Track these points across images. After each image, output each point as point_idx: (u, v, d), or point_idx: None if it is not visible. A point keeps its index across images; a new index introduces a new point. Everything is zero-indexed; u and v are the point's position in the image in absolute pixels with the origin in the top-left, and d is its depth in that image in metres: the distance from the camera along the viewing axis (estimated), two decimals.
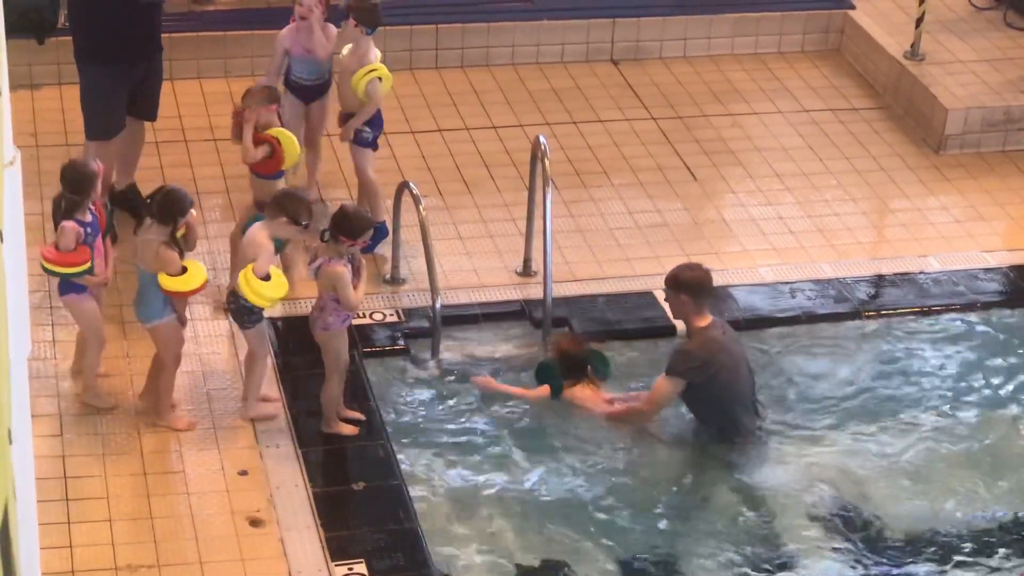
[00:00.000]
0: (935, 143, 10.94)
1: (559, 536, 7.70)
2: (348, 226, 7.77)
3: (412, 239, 9.23)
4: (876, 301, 9.38)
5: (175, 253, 7.72)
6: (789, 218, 10.08)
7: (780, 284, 9.44)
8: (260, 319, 7.94)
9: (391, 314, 8.94)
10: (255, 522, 7.46)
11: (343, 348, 7.99)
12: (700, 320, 8.17)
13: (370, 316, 8.88)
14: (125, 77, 9.22)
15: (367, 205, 9.23)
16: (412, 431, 8.25)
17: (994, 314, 9.36)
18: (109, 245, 8.11)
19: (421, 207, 8.67)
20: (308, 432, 8.02)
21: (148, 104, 9.52)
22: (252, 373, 8.02)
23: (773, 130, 11.10)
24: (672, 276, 8.23)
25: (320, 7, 9.34)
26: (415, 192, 8.75)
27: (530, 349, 8.85)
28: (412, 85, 11.29)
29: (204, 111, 10.76)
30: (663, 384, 8.16)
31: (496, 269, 9.42)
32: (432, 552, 7.38)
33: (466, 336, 8.85)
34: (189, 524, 7.42)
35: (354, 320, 8.31)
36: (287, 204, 7.78)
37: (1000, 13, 12.20)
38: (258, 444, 7.93)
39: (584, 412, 8.40)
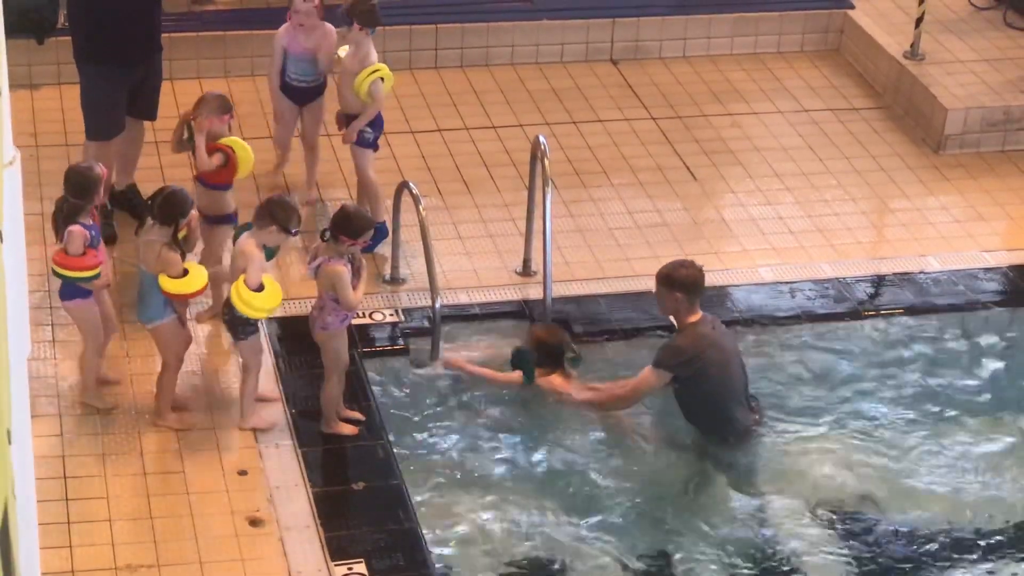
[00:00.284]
0: (935, 143, 10.93)
1: (559, 536, 7.70)
2: (349, 226, 7.76)
3: (412, 239, 9.23)
4: (876, 301, 9.38)
5: (177, 255, 7.71)
6: (789, 218, 10.08)
7: (780, 284, 9.44)
8: (255, 331, 7.88)
9: (391, 314, 8.95)
10: (255, 522, 7.46)
11: (342, 348, 7.99)
12: (691, 316, 8.18)
13: (370, 316, 8.88)
14: (124, 78, 9.22)
15: (367, 205, 9.22)
16: (412, 431, 8.25)
17: (994, 314, 9.37)
18: (103, 246, 8.09)
19: (421, 207, 8.66)
20: (308, 432, 8.01)
21: (148, 104, 9.52)
22: (245, 385, 7.96)
23: (773, 130, 11.10)
24: (666, 274, 8.22)
25: (318, 10, 9.33)
26: (415, 192, 8.74)
27: None
28: (412, 85, 11.28)
29: None
30: (648, 375, 8.16)
31: (496, 269, 9.42)
32: (432, 552, 7.38)
33: (466, 336, 8.84)
34: (189, 524, 7.42)
35: (354, 320, 8.32)
36: (277, 212, 7.69)
37: (1000, 13, 12.20)
38: (258, 444, 7.92)
39: (557, 398, 8.40)
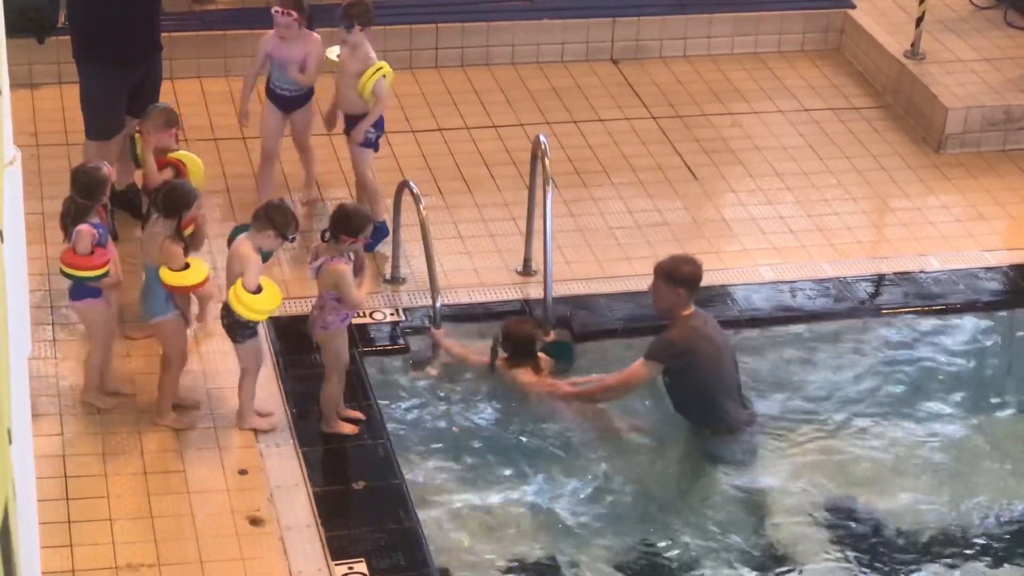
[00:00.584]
0: (935, 142, 10.93)
1: (559, 534, 7.70)
2: (348, 224, 7.76)
3: (412, 238, 9.23)
4: (876, 300, 9.38)
5: (179, 248, 7.70)
6: (789, 217, 10.08)
7: (780, 283, 9.43)
8: (254, 334, 7.87)
9: (391, 313, 8.95)
10: (255, 521, 7.46)
11: (343, 347, 7.98)
12: (685, 310, 8.18)
13: (370, 315, 8.88)
14: (124, 77, 9.22)
15: (367, 204, 9.21)
16: (412, 430, 8.26)
17: (994, 313, 9.36)
18: (113, 246, 8.10)
19: (421, 206, 8.67)
20: (308, 431, 8.01)
21: (148, 104, 9.48)
22: (243, 388, 7.94)
23: (773, 129, 11.10)
24: (670, 269, 8.18)
25: (298, 22, 9.20)
26: (415, 191, 8.74)
27: None
28: (412, 84, 11.28)
29: (204, 110, 10.76)
30: (639, 367, 8.16)
31: (496, 268, 9.42)
32: (432, 551, 7.38)
33: (467, 336, 8.84)
34: (189, 523, 7.41)
35: (354, 319, 8.32)
36: (276, 217, 7.66)
37: (1000, 12, 12.20)
38: (258, 443, 7.92)
39: (524, 393, 8.39)
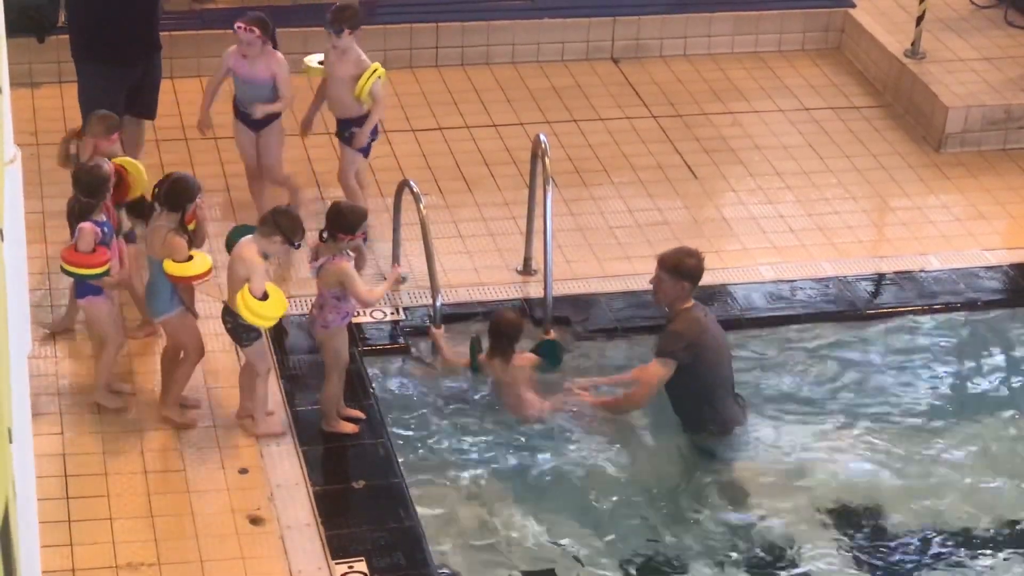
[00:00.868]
0: (935, 141, 10.93)
1: (559, 533, 7.70)
2: (343, 221, 7.77)
3: (412, 237, 9.22)
4: (876, 299, 9.38)
5: (183, 240, 7.69)
6: (789, 216, 10.08)
7: (780, 282, 9.43)
8: (259, 336, 7.85)
9: (391, 312, 8.95)
10: (255, 520, 7.45)
11: (343, 346, 7.98)
12: (686, 303, 8.17)
13: (370, 314, 8.88)
14: (122, 76, 9.21)
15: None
16: (413, 429, 8.25)
17: (994, 312, 9.36)
18: (123, 244, 8.08)
19: (421, 205, 8.66)
20: (308, 430, 8.01)
21: (147, 103, 9.53)
22: (255, 392, 7.92)
23: (773, 128, 11.10)
24: (674, 263, 8.14)
25: (260, 39, 9.04)
26: (415, 190, 8.74)
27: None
28: (412, 83, 11.28)
29: None
30: (656, 367, 8.12)
31: (496, 267, 9.42)
32: (432, 550, 7.38)
33: (466, 335, 8.84)
34: (190, 522, 7.41)
35: (354, 318, 8.32)
36: (283, 223, 7.62)
37: (1001, 11, 12.19)
38: (258, 443, 7.92)
39: (514, 400, 8.37)
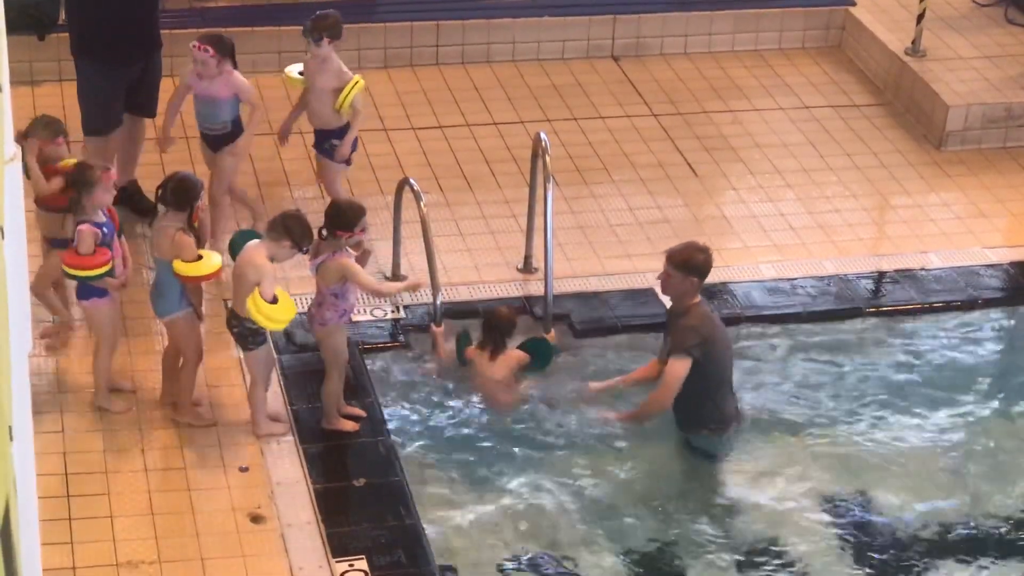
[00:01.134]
0: (936, 139, 10.93)
1: (559, 531, 7.70)
2: (342, 218, 7.77)
3: (413, 235, 9.22)
4: (877, 298, 9.38)
5: (191, 239, 7.68)
6: (790, 214, 10.08)
7: (781, 280, 9.43)
8: (264, 340, 7.84)
9: (392, 310, 8.95)
10: (256, 518, 7.46)
11: (342, 344, 7.98)
12: (694, 298, 8.16)
13: (371, 312, 8.88)
14: (121, 73, 9.20)
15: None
16: (413, 427, 8.26)
17: (995, 311, 9.36)
18: (125, 244, 8.05)
19: (422, 203, 8.66)
20: (309, 428, 8.01)
21: (147, 101, 9.51)
22: (253, 396, 7.92)
23: (774, 126, 11.09)
24: (684, 258, 8.09)
25: (215, 58, 8.90)
26: (416, 188, 8.74)
27: None
28: (413, 81, 11.28)
29: None
30: (676, 365, 8.03)
31: (497, 265, 9.42)
32: (433, 548, 7.38)
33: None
34: (190, 520, 7.42)
35: (354, 316, 8.32)
36: (294, 228, 7.59)
37: (1001, 9, 12.19)
38: (259, 441, 7.92)
39: (488, 386, 8.42)
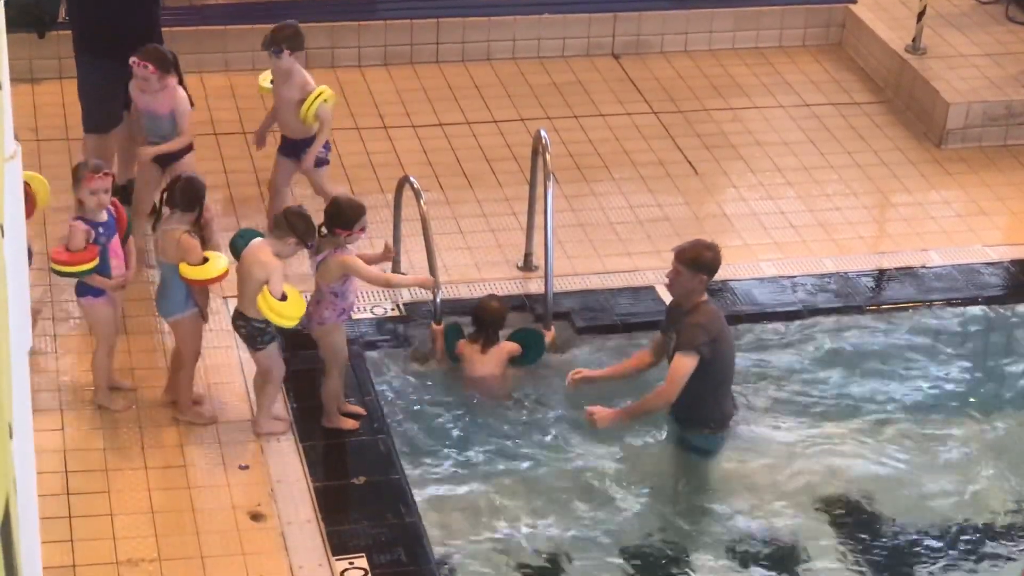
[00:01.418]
0: (936, 137, 10.93)
1: (559, 529, 7.70)
2: (342, 218, 7.76)
3: (413, 233, 9.22)
4: (877, 295, 9.38)
5: (196, 241, 7.67)
6: (790, 212, 10.08)
7: (781, 278, 9.43)
8: (273, 339, 7.83)
9: (392, 308, 8.95)
10: (256, 516, 7.46)
11: (341, 342, 7.97)
12: (702, 296, 8.14)
13: (371, 310, 8.88)
14: (120, 71, 9.19)
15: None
16: (413, 425, 8.25)
17: (995, 309, 9.35)
18: (132, 246, 8.03)
19: (422, 201, 8.66)
20: (309, 426, 8.01)
21: None
22: (264, 394, 7.91)
23: (774, 124, 11.09)
24: (693, 256, 8.04)
25: (156, 74, 8.74)
26: (416, 186, 8.74)
27: None
28: (413, 79, 11.28)
29: (205, 105, 10.74)
30: (683, 362, 7.98)
31: (497, 263, 9.42)
32: (433, 546, 7.38)
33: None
34: (190, 518, 7.42)
35: (354, 315, 8.31)
36: (298, 224, 7.60)
37: (1002, 7, 12.19)
38: (259, 439, 7.92)
39: (479, 375, 8.46)
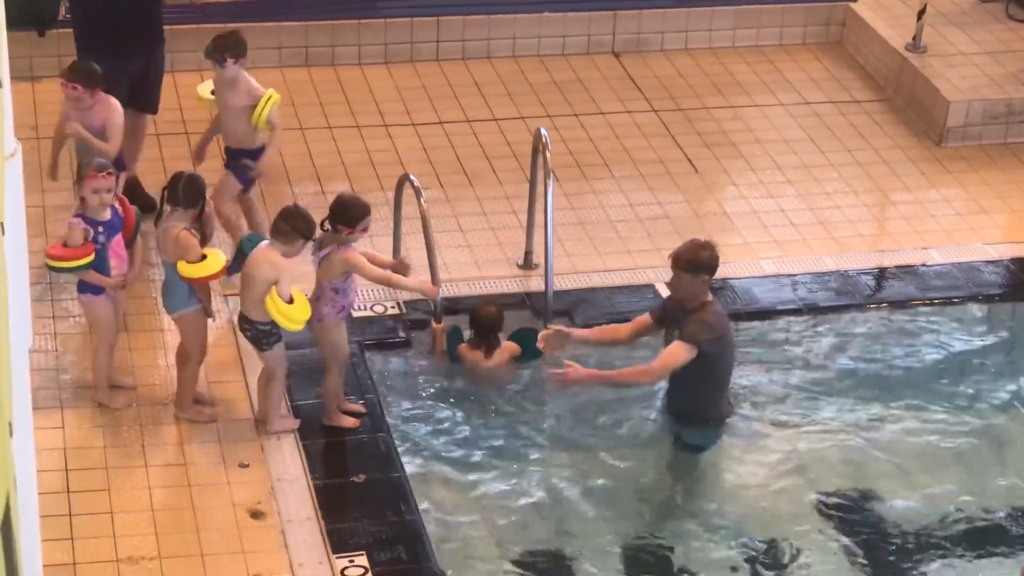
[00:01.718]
0: (937, 135, 10.93)
1: (559, 528, 7.70)
2: (346, 214, 7.75)
3: (413, 231, 9.22)
4: (877, 294, 9.38)
5: (195, 239, 7.66)
6: (790, 210, 10.08)
7: (781, 276, 9.43)
8: (279, 339, 7.81)
9: (392, 306, 8.95)
10: (256, 514, 7.46)
11: (341, 340, 7.96)
12: (707, 296, 8.12)
13: (371, 308, 8.88)
14: (122, 69, 9.20)
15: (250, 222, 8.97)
16: (413, 423, 8.26)
17: (995, 307, 9.36)
18: (139, 247, 8.00)
19: (422, 199, 8.66)
20: (309, 424, 8.01)
21: (149, 97, 9.52)
22: (271, 394, 7.90)
23: (774, 122, 11.09)
24: (690, 258, 7.98)
25: (86, 93, 8.56)
26: (416, 184, 8.74)
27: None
28: (413, 77, 11.28)
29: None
30: (678, 349, 7.95)
31: (497, 261, 9.42)
32: (433, 545, 7.38)
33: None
34: (190, 516, 7.42)
35: (354, 312, 8.31)
36: (300, 224, 7.59)
37: (1002, 5, 12.19)
38: (259, 436, 7.92)
39: (483, 373, 8.47)
